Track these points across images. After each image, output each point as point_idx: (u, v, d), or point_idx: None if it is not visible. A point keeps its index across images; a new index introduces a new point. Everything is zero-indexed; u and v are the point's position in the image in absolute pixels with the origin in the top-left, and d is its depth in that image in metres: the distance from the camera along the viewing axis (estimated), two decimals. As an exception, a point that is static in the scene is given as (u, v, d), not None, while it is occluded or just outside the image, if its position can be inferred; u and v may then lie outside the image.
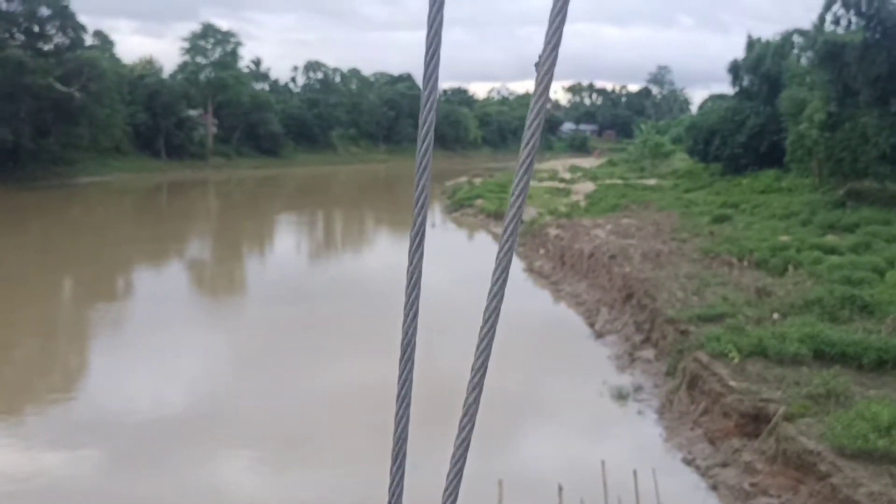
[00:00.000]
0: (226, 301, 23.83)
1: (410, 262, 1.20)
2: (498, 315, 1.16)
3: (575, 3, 1.07)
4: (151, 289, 24.43)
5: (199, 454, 11.97)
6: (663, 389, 14.36)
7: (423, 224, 1.20)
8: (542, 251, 28.29)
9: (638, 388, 14.75)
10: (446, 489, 1.23)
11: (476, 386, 1.17)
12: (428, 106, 1.19)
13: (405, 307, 1.21)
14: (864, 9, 27.92)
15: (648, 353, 16.40)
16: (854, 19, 28.76)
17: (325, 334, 18.60)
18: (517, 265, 27.91)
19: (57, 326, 20.39)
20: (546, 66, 1.11)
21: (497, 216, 38.27)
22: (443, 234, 37.35)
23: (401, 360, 1.23)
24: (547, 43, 1.10)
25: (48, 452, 11.97)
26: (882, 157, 27.47)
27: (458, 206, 44.63)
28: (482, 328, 1.17)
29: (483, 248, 33.36)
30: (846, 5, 28.48)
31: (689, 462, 11.65)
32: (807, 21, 49.23)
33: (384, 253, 33.97)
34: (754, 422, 11.31)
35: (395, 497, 1.25)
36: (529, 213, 35.32)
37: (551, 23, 1.10)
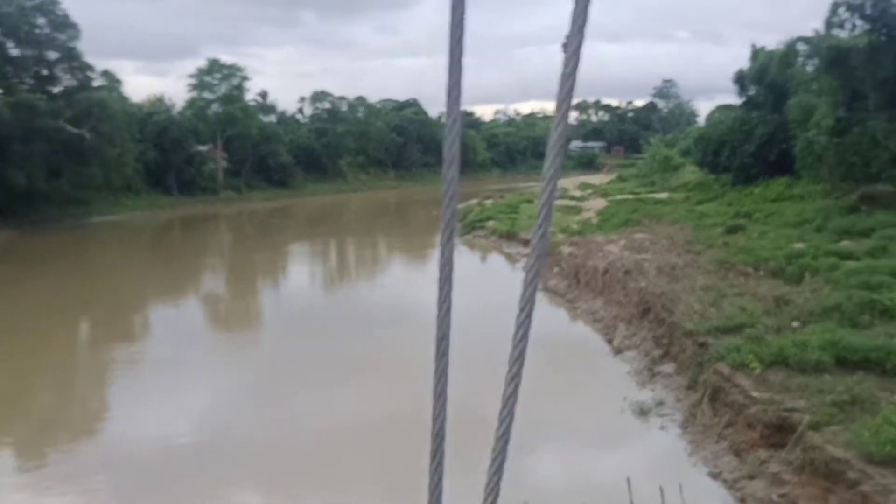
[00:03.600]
0: (239, 337, 23.82)
1: (440, 296, 1.18)
2: (527, 341, 1.13)
3: (568, 24, 1.05)
4: (165, 327, 24.50)
5: (206, 488, 11.96)
6: (685, 403, 14.21)
7: (451, 254, 1.19)
8: (556, 269, 28.20)
9: (660, 403, 14.61)
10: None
11: (507, 415, 1.16)
12: (452, 136, 1.17)
13: (436, 339, 1.18)
14: (868, 12, 27.91)
15: (668, 367, 16.26)
16: (859, 23, 28.73)
17: (339, 367, 18.54)
18: (531, 285, 27.80)
19: (73, 370, 20.43)
20: (567, 87, 1.09)
21: (509, 237, 38.23)
22: (456, 257, 37.30)
23: (434, 394, 1.20)
24: (565, 66, 1.09)
25: (63, 488, 11.99)
26: (893, 161, 27.29)
27: (469, 228, 44.64)
28: (511, 355, 1.12)
29: (496, 269, 33.35)
30: (851, 9, 28.47)
31: (715, 476, 11.50)
32: (804, 29, 49.41)
33: (397, 280, 33.97)
34: (779, 432, 11.15)
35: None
36: (541, 232, 35.26)
37: (571, 36, 1.08)
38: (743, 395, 12.24)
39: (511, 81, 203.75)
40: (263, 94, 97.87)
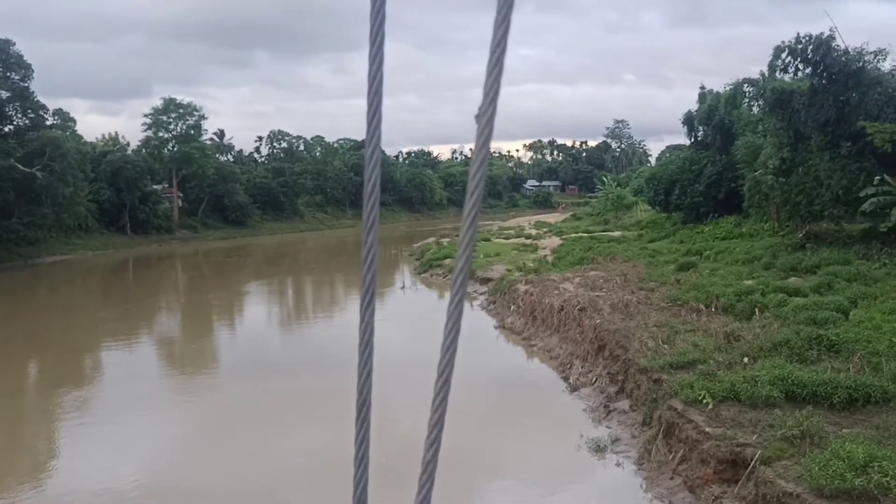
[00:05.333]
0: (193, 379, 23.36)
1: (362, 320, 1.19)
2: (452, 368, 1.15)
3: (522, 66, 1.12)
4: (118, 370, 24.00)
5: None
6: (641, 439, 14.37)
7: (373, 281, 1.19)
8: (512, 307, 28.40)
9: (615, 440, 14.75)
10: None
11: (434, 442, 1.15)
12: (372, 163, 1.20)
13: (359, 366, 1.19)
14: (809, 56, 29.01)
15: (624, 403, 16.44)
16: (801, 67, 29.82)
17: (294, 409, 18.38)
18: (489, 323, 27.95)
19: (24, 414, 19.93)
20: (486, 118, 1.11)
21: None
22: (414, 295, 37.37)
23: (357, 420, 1.20)
24: (486, 95, 1.11)
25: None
26: (836, 200, 28.21)
27: (427, 266, 44.77)
28: (437, 382, 1.15)
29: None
30: (793, 54, 29.55)
31: (670, 512, 11.63)
32: (745, 72, 51.16)
33: (355, 318, 33.79)
34: (732, 467, 11.34)
35: None
36: (498, 270, 35.52)
37: (489, 75, 1.11)
38: (696, 431, 12.43)
39: (466, 122, 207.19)
40: (220, 134, 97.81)
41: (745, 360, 15.20)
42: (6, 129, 58.16)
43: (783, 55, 29.90)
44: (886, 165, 27.08)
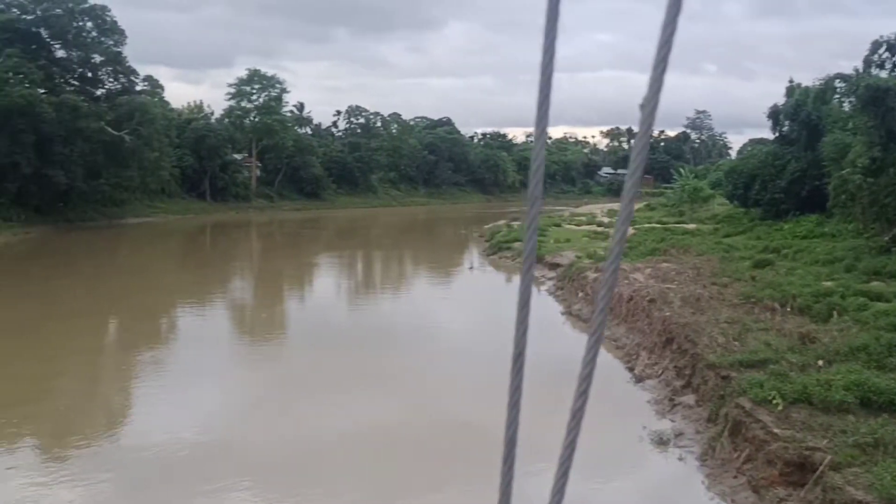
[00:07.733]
0: (260, 346, 23.94)
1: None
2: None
3: (598, 53, 1.17)
4: (192, 332, 24.86)
5: (212, 490, 12.17)
6: (705, 436, 14.18)
7: (530, 282, 1.32)
8: (580, 294, 28.22)
9: (679, 434, 14.58)
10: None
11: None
12: (537, 165, 1.29)
13: (517, 320, 1.34)
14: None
15: (689, 398, 16.22)
16: (898, 63, 28.67)
17: (360, 378, 18.71)
18: (556, 308, 27.86)
19: (100, 370, 20.78)
20: (648, 109, 1.21)
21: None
22: (481, 277, 37.50)
23: (512, 369, 1.36)
24: (650, 87, 1.20)
25: (74, 483, 12.27)
26: (927, 204, 27.08)
27: (496, 249, 44.79)
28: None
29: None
30: (891, 49, 28.38)
31: (732, 510, 11.49)
32: (832, 67, 49.47)
33: (421, 295, 34.13)
34: (800, 471, 11.11)
35: (505, 498, 1.39)
36: (568, 256, 35.30)
37: (655, 68, 1.20)
38: (764, 431, 12.20)
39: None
40: (300, 107, 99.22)
41: (820, 362, 14.81)
42: (98, 93, 60.28)
43: (881, 51, 28.74)
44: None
